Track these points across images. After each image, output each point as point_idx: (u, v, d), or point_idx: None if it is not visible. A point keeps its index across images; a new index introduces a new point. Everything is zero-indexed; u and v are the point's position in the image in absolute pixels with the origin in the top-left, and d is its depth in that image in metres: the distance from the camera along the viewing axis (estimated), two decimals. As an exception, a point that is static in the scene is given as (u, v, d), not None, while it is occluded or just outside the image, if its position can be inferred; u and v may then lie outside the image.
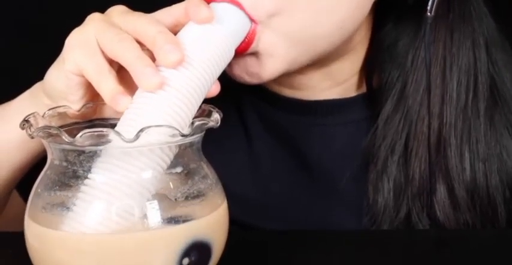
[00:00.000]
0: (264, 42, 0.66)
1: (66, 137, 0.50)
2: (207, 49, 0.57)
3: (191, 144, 0.54)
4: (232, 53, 0.61)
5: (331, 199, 0.77)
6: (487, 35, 0.76)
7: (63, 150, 0.52)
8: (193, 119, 0.53)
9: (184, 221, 0.52)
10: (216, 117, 0.54)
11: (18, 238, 0.55)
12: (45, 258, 0.53)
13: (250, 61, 0.68)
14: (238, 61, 0.67)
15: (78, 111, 0.59)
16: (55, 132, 0.51)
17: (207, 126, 0.53)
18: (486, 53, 0.75)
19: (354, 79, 0.79)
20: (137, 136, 0.50)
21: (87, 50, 0.57)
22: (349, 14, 0.68)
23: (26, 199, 0.55)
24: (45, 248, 0.53)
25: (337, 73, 0.77)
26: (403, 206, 0.74)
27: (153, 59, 0.55)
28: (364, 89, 0.79)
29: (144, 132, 0.50)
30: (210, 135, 0.55)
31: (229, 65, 0.65)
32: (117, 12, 0.59)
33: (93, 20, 0.58)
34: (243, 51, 0.65)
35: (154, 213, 0.52)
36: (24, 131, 0.54)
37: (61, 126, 0.56)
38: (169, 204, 0.52)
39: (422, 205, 0.74)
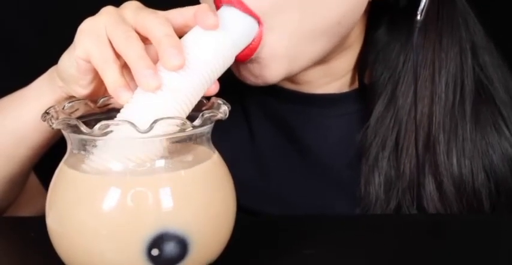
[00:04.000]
0: (266, 46, 0.69)
1: (84, 128, 0.54)
2: (208, 54, 0.60)
3: (201, 134, 0.57)
4: (233, 58, 0.64)
5: (327, 187, 0.81)
6: (474, 40, 0.80)
7: (82, 140, 0.56)
8: (203, 111, 0.56)
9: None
10: (224, 109, 0.57)
11: (40, 222, 0.58)
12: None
13: (253, 67, 0.71)
14: (243, 67, 0.71)
15: (95, 103, 0.62)
16: (74, 123, 0.54)
17: (216, 117, 0.56)
18: (473, 57, 0.79)
19: (349, 76, 0.83)
20: (151, 127, 0.53)
21: (96, 38, 0.59)
22: (347, 9, 0.71)
23: (46, 186, 0.58)
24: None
25: (334, 70, 0.81)
26: (393, 199, 0.77)
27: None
28: (357, 85, 0.83)
29: (157, 123, 0.53)
30: (215, 124, 0.58)
31: (236, 69, 0.70)
32: (131, 8, 0.61)
33: (107, 12, 0.61)
34: (246, 57, 0.68)
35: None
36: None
37: (79, 117, 0.59)
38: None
39: (412, 198, 0.77)
